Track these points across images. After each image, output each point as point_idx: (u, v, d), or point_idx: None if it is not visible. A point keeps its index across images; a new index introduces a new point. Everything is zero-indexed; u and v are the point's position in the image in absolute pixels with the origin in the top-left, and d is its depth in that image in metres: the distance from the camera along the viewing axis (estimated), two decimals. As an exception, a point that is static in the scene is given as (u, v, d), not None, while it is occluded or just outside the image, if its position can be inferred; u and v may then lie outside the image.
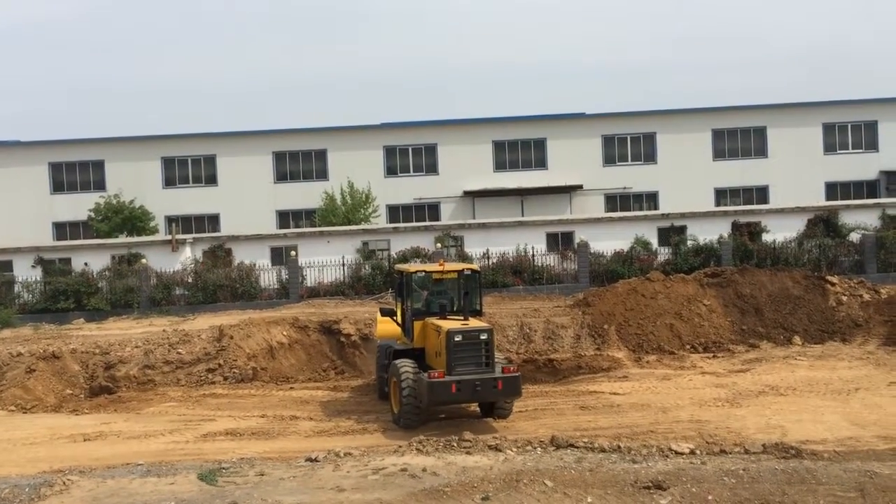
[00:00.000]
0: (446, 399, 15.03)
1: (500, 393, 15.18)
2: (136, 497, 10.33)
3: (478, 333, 15.10)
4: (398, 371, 15.30)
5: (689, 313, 23.80)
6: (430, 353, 15.89)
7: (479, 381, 14.74)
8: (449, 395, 14.75)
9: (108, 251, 34.38)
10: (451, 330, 14.88)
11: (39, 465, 13.55)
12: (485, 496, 9.72)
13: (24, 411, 19.48)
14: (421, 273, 16.76)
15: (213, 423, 16.96)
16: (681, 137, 42.73)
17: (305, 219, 41.53)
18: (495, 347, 15.83)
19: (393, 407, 15.82)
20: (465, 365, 14.82)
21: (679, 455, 11.39)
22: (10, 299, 32.26)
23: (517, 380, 15.43)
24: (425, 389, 14.70)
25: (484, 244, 33.65)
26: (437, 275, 16.78)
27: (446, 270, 16.84)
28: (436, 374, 14.66)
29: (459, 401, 15.54)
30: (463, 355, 14.86)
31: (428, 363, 15.75)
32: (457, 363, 14.75)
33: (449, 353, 14.74)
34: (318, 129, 42.97)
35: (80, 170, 42.32)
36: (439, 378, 14.59)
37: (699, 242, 33.19)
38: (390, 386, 15.96)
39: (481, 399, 15.50)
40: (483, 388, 14.83)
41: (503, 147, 42.89)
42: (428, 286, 17.06)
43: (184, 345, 22.47)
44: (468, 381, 14.65)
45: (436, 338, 15.46)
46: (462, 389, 14.65)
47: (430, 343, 15.85)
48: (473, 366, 14.89)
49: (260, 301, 31.62)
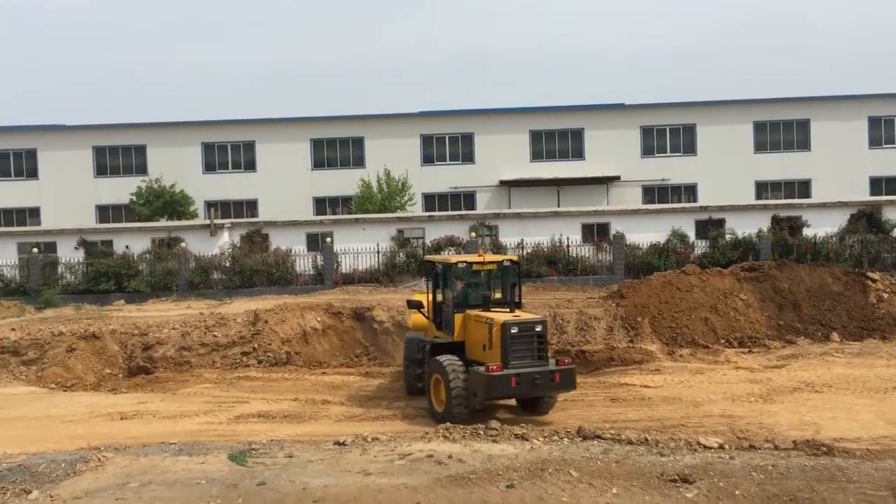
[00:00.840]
0: (504, 393, 14.46)
1: (558, 386, 14.65)
2: (167, 475, 10.56)
3: (533, 325, 14.59)
4: (443, 367, 14.71)
5: (725, 307, 23.56)
6: (472, 346, 15.26)
7: (537, 374, 14.23)
8: (508, 389, 14.19)
9: (148, 234, 34.98)
10: (508, 322, 14.29)
11: (77, 441, 13.89)
12: (509, 484, 9.75)
13: (64, 389, 20.00)
14: (462, 264, 16.03)
15: (246, 405, 17.24)
16: (721, 129, 42.11)
17: (341, 206, 41.80)
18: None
19: (434, 404, 15.20)
20: (520, 358, 14.28)
21: (707, 449, 11.31)
22: (54, 280, 32.99)
23: (573, 372, 14.96)
24: (483, 384, 14.10)
25: (519, 234, 33.57)
26: (477, 266, 16.08)
27: (486, 261, 16.24)
28: (493, 367, 14.04)
29: (517, 395, 14.91)
30: (518, 348, 14.30)
31: (470, 357, 15.12)
32: (513, 356, 14.19)
33: (505, 346, 14.16)
34: (356, 117, 43.15)
35: (122, 154, 43.04)
36: (497, 372, 14.00)
37: (737, 236, 32.74)
38: (429, 382, 15.37)
39: (539, 393, 14.88)
40: (542, 382, 14.32)
41: (540, 137, 42.67)
42: (464, 277, 16.46)
43: (220, 328, 22.85)
44: (527, 374, 14.12)
45: (483, 330, 14.83)
46: (521, 383, 14.10)
47: (474, 336, 15.23)
48: (528, 358, 14.37)
49: (295, 286, 31.92)
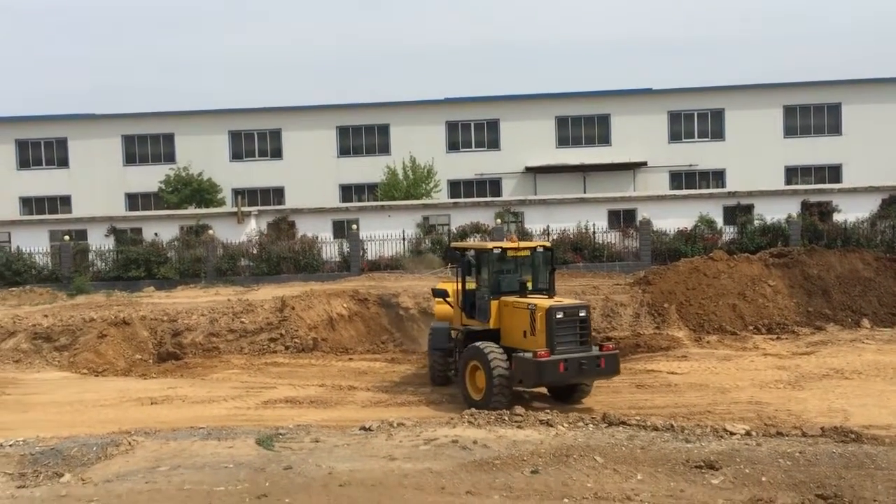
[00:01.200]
0: (554, 379, 14.26)
1: (603, 371, 14.48)
2: (196, 459, 10.71)
3: (577, 310, 14.42)
4: (483, 354, 14.51)
5: (753, 294, 23.37)
6: (510, 333, 15.07)
7: (584, 359, 14.08)
8: (556, 374, 13.97)
9: (177, 222, 35.35)
10: (553, 307, 14.12)
11: (108, 426, 14.10)
12: (534, 469, 9.78)
13: (95, 374, 20.32)
14: (497, 250, 15.78)
15: (273, 390, 17.41)
16: (750, 114, 41.56)
17: (367, 193, 41.92)
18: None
19: (470, 391, 14.95)
20: (565, 343, 14.11)
21: (733, 436, 11.24)
22: (85, 267, 33.48)
23: (617, 357, 14.82)
24: (532, 370, 13.89)
25: (545, 220, 33.47)
26: (512, 252, 15.87)
27: (521, 248, 16.02)
28: (542, 353, 13.84)
29: (564, 381, 14.66)
30: (563, 333, 14.12)
31: (505, 344, 14.91)
32: (558, 342, 14.02)
33: (550, 332, 13.98)
34: (381, 104, 43.16)
35: (151, 142, 43.48)
36: (545, 357, 13.80)
37: (766, 222, 32.37)
38: (465, 370, 15.19)
39: (585, 378, 14.71)
40: (588, 367, 14.16)
41: (566, 123, 42.42)
42: (498, 264, 16.09)
43: (247, 314, 23.08)
44: (574, 359, 13.95)
45: (523, 317, 14.62)
46: (569, 368, 13.93)
47: (512, 322, 15.05)
48: (573, 344, 14.20)
49: (322, 273, 32.11)
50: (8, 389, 18.28)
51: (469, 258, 16.36)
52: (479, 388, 14.73)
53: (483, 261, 16.03)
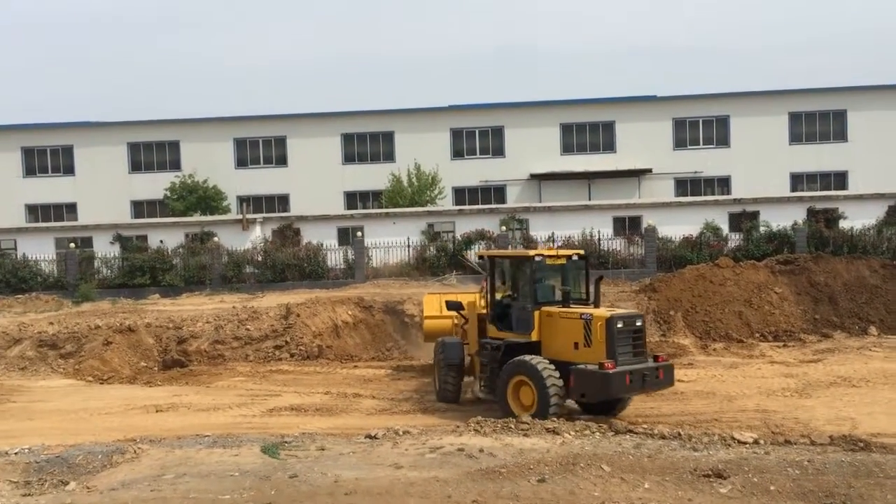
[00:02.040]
0: (620, 391, 13.56)
1: (662, 382, 13.96)
2: (201, 466, 10.68)
3: (634, 319, 13.89)
4: (534, 368, 13.71)
5: (760, 301, 23.30)
6: (556, 344, 14.32)
7: (646, 370, 13.52)
8: (624, 387, 13.30)
9: (182, 229, 35.40)
10: (614, 316, 13.52)
11: (114, 433, 14.09)
12: (541, 478, 9.72)
13: (100, 382, 20.32)
14: (540, 258, 14.93)
15: (278, 398, 17.38)
16: (756, 121, 41.52)
17: (372, 200, 41.96)
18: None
19: (514, 408, 13.99)
20: (624, 354, 13.48)
21: (742, 444, 11.17)
22: (90, 274, 33.53)
23: (672, 368, 14.33)
24: (599, 383, 13.20)
25: (549, 227, 33.42)
26: (550, 260, 15.11)
27: (559, 255, 15.32)
28: (608, 364, 13.13)
29: (630, 393, 14.00)
30: (623, 344, 13.51)
31: (549, 356, 14.16)
32: (619, 353, 13.39)
33: (611, 343, 13.34)
34: (386, 112, 43.23)
35: (156, 150, 43.59)
36: (612, 369, 13.10)
37: (772, 229, 32.29)
38: (506, 385, 14.19)
39: (647, 390, 14.06)
40: (650, 379, 13.60)
41: (571, 130, 42.41)
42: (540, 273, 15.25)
43: (253, 321, 23.07)
44: (638, 371, 13.40)
45: (574, 327, 13.91)
46: (633, 381, 13.32)
47: (557, 334, 14.31)
48: (630, 355, 13.58)
49: (326, 280, 32.12)
50: (13, 397, 18.31)
51: (503, 266, 15.78)
52: (524, 405, 13.91)
53: (523, 269, 15.30)
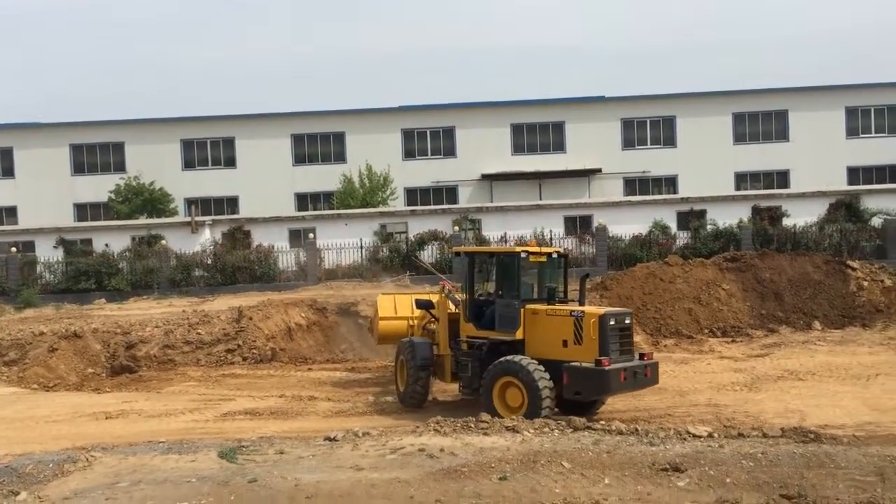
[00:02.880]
0: (616, 389, 13.50)
1: (648, 380, 13.98)
2: (157, 473, 10.46)
3: (624, 317, 13.89)
4: (524, 368, 13.47)
5: (708, 298, 23.77)
6: (541, 343, 14.09)
7: (637, 368, 13.51)
8: (619, 384, 13.26)
9: (128, 232, 34.69)
10: (607, 314, 13.48)
11: (62, 442, 13.71)
12: (502, 476, 9.75)
13: (46, 389, 19.77)
14: (525, 254, 14.62)
15: (232, 402, 17.12)
16: (701, 121, 42.39)
17: (324, 201, 41.67)
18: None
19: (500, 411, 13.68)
20: (615, 352, 13.41)
21: (697, 438, 11.36)
22: (33, 279, 32.65)
23: (657, 367, 14.34)
24: (595, 381, 13.12)
25: (502, 228, 33.62)
26: (534, 257, 14.82)
27: (542, 252, 15.11)
28: (605, 361, 13.06)
29: (623, 391, 13.97)
30: (615, 342, 13.46)
31: (534, 355, 13.92)
32: (611, 351, 13.31)
33: (604, 340, 13.24)
34: (337, 112, 42.98)
35: (100, 151, 42.62)
36: (608, 366, 13.03)
37: (719, 227, 33.01)
38: (491, 386, 13.90)
39: (636, 388, 14.10)
40: (640, 376, 13.60)
41: (521, 130, 42.72)
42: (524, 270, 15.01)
43: (203, 325, 22.70)
44: (631, 368, 13.38)
45: (564, 325, 13.76)
46: (627, 378, 13.31)
47: (545, 332, 14.10)
48: (619, 353, 13.54)
49: (278, 283, 31.79)
50: (-46, 406, 17.69)
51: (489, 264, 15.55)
52: (510, 407, 13.67)
53: (508, 266, 15.04)
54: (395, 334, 17.63)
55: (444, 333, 15.79)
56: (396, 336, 17.59)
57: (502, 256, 15.48)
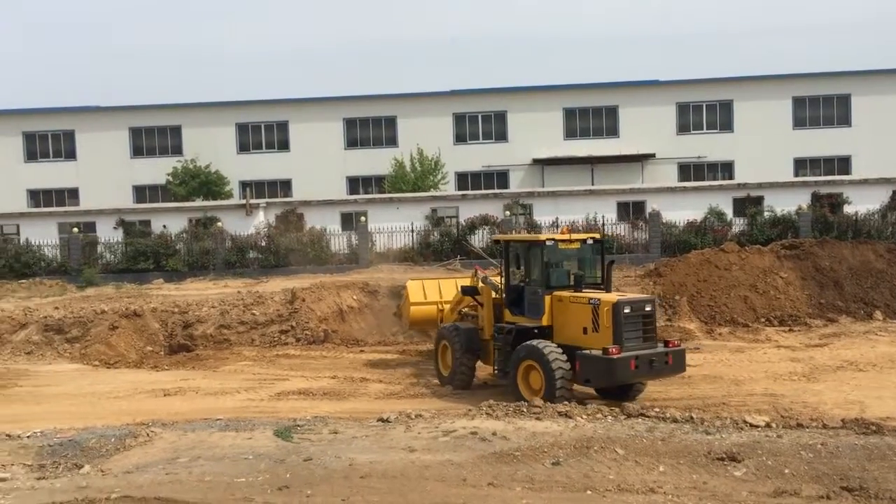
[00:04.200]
0: (625, 377, 13.55)
1: (671, 368, 13.92)
2: (215, 450, 10.70)
3: (643, 304, 13.83)
4: (541, 352, 13.75)
5: (765, 286, 23.30)
6: (566, 329, 14.28)
7: (654, 356, 13.47)
8: (628, 372, 13.30)
9: (185, 214, 35.33)
10: (620, 301, 13.46)
11: (123, 417, 14.09)
12: (555, 461, 9.74)
13: (107, 366, 20.33)
14: (551, 242, 14.79)
15: (286, 382, 17.40)
16: (759, 105, 41.38)
17: (375, 185, 41.86)
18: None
19: (524, 393, 14.05)
20: (632, 339, 13.44)
21: (754, 428, 11.20)
22: (94, 259, 33.49)
23: (683, 354, 14.24)
24: (603, 368, 13.22)
25: (553, 213, 33.36)
26: (563, 244, 14.97)
27: (572, 239, 15.15)
28: (613, 349, 13.12)
29: (635, 379, 14.02)
30: (630, 329, 13.46)
31: (559, 341, 14.15)
32: (626, 338, 13.34)
33: (618, 328, 13.29)
34: (389, 96, 43.05)
35: (158, 134, 43.42)
36: (617, 355, 13.13)
37: (776, 214, 32.28)
38: (517, 370, 14.27)
39: (654, 376, 14.13)
40: (658, 364, 13.56)
41: (574, 114, 42.27)
42: (551, 257, 15.14)
43: (258, 306, 23.06)
44: (645, 356, 13.35)
45: (583, 312, 13.87)
46: (640, 366, 13.30)
47: (568, 319, 14.25)
48: (639, 340, 13.55)
49: (330, 265, 32.07)
50: (20, 381, 18.32)
51: (517, 251, 15.70)
52: (533, 390, 13.97)
53: (534, 254, 15.20)
54: (426, 319, 18.20)
55: (488, 318, 15.94)
56: (427, 321, 18.17)
57: (529, 244, 15.58)
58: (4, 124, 43.05)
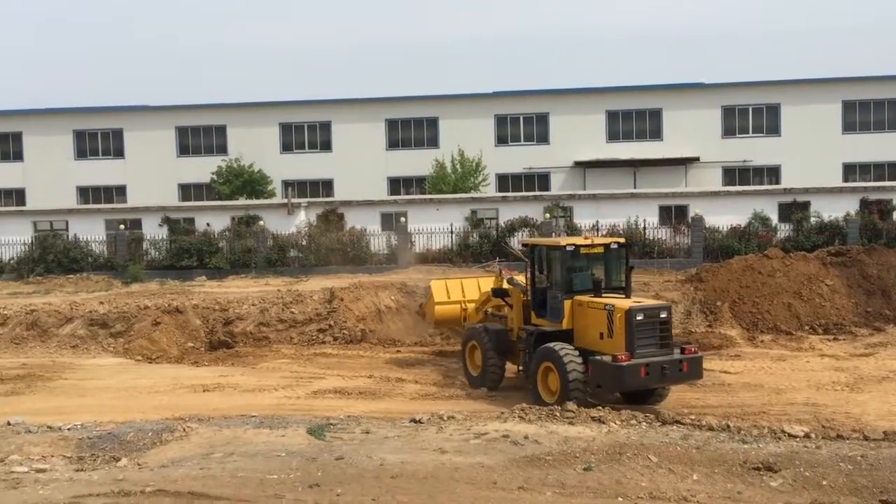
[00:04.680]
0: (634, 384, 13.61)
1: (686, 375, 13.91)
2: (249, 446, 10.82)
3: (658, 311, 13.83)
4: (557, 355, 13.94)
5: (810, 293, 22.84)
6: (585, 334, 14.43)
7: (666, 363, 13.48)
8: (638, 379, 13.35)
9: (228, 212, 35.79)
10: (633, 308, 13.51)
11: (162, 411, 14.36)
12: (587, 466, 9.66)
13: (149, 361, 20.73)
14: (571, 247, 14.94)
15: (322, 380, 17.56)
16: (807, 109, 40.51)
17: (416, 186, 41.96)
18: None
19: (542, 394, 14.37)
20: (645, 346, 13.48)
21: (792, 438, 10.98)
22: (139, 255, 34.11)
23: (700, 361, 14.18)
24: (612, 375, 13.31)
25: (594, 216, 33.05)
26: (585, 249, 15.11)
27: (595, 244, 15.33)
28: (622, 357, 13.20)
29: (646, 386, 14.05)
30: (644, 336, 13.49)
31: (580, 346, 14.32)
32: (638, 345, 13.40)
33: (630, 334, 13.37)
34: (430, 97, 43.09)
35: (203, 134, 44.05)
36: (626, 362, 13.18)
37: (823, 220, 31.57)
38: (536, 371, 14.54)
39: (667, 383, 14.17)
40: (670, 371, 13.57)
41: (617, 117, 41.87)
42: (572, 261, 15.25)
43: (297, 305, 23.30)
44: (656, 363, 13.37)
45: (600, 317, 13.98)
46: (650, 373, 13.33)
47: (587, 323, 14.39)
48: (653, 347, 13.58)
49: (370, 265, 32.23)
50: (65, 374, 18.76)
51: (540, 255, 15.76)
52: (551, 391, 14.14)
53: (555, 258, 15.31)
54: (450, 318, 18.69)
55: (517, 320, 16.09)
56: (451, 319, 18.66)
57: (549, 249, 15.71)
58: (56, 123, 44.07)
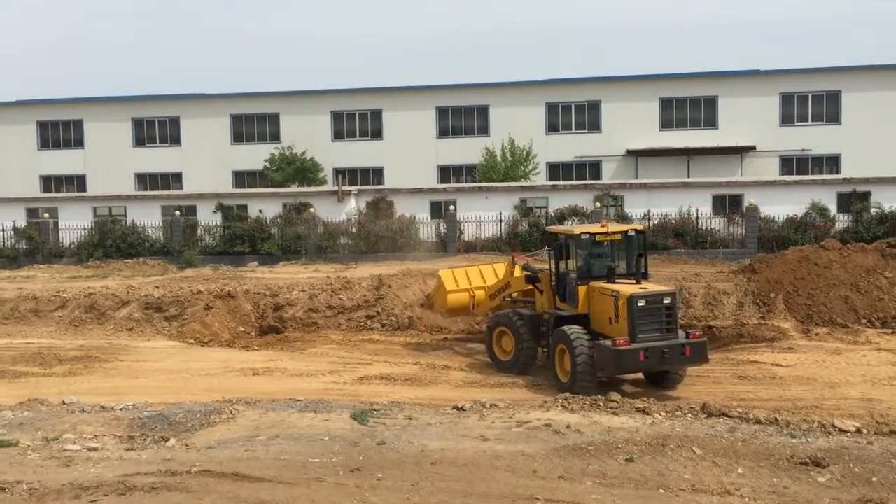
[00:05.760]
0: (633, 368, 14.38)
1: (688, 359, 14.47)
2: (293, 430, 10.98)
3: (661, 297, 14.35)
4: (569, 338, 14.55)
5: (868, 285, 22.16)
6: (597, 319, 15.01)
7: (667, 348, 14.03)
8: (636, 363, 14.05)
9: (280, 199, 36.28)
10: (634, 295, 14.05)
11: (213, 394, 14.65)
12: (629, 457, 9.57)
13: (201, 344, 21.15)
14: (586, 234, 15.51)
15: (369, 366, 17.71)
16: (869, 96, 39.26)
17: (465, 174, 41.93)
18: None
19: (559, 374, 15.10)
20: (648, 331, 14.05)
21: (843, 433, 10.70)
22: (194, 241, 34.83)
23: (704, 346, 14.71)
24: (611, 358, 13.95)
25: (645, 205, 32.65)
26: (601, 236, 15.63)
27: (610, 231, 15.72)
28: (620, 341, 13.82)
29: (645, 369, 14.83)
30: (646, 321, 14.06)
31: (595, 329, 14.89)
32: (640, 329, 13.96)
33: (632, 319, 13.93)
34: (481, 85, 42.99)
35: (257, 122, 44.68)
36: (624, 346, 13.80)
37: (884, 210, 30.66)
38: (554, 352, 15.25)
39: (668, 367, 14.71)
40: (671, 356, 14.14)
41: (671, 104, 41.19)
42: (587, 248, 15.84)
43: (345, 291, 23.50)
44: (656, 348, 13.94)
45: (608, 303, 14.58)
46: (650, 357, 13.91)
47: (599, 308, 14.96)
48: (657, 332, 14.15)
49: (418, 253, 32.33)
50: (121, 356, 19.27)
51: (561, 242, 16.15)
52: (566, 372, 14.86)
53: (572, 245, 15.88)
54: (461, 306, 19.02)
55: (547, 304, 16.53)
56: (462, 307, 19.00)
57: (566, 236, 16.15)
58: (115, 111, 45.15)
